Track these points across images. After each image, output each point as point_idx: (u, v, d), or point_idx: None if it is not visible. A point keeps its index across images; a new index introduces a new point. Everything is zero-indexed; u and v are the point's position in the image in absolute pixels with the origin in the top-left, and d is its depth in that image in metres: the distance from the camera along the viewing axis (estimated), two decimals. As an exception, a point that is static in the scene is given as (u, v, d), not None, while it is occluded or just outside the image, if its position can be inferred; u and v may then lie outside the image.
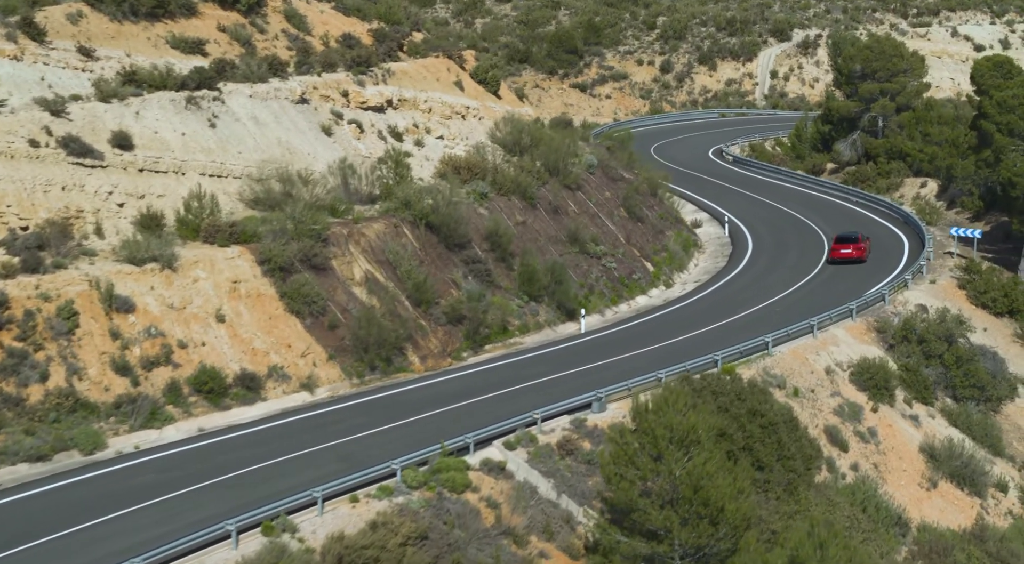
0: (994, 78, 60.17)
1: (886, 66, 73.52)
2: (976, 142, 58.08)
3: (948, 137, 66.50)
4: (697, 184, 76.09)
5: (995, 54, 70.95)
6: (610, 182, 56.67)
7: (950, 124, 69.47)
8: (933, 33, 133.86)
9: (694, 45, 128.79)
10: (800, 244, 58.83)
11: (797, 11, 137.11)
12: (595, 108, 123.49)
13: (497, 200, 48.35)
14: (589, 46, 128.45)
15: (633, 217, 54.69)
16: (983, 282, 49.25)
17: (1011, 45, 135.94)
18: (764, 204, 68.97)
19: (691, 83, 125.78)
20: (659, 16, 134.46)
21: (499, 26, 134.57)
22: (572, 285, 46.93)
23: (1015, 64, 64.26)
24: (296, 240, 39.61)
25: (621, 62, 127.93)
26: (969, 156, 59.75)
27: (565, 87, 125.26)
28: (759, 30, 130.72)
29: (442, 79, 57.08)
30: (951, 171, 65.65)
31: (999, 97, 50.84)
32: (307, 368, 37.18)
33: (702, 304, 48.57)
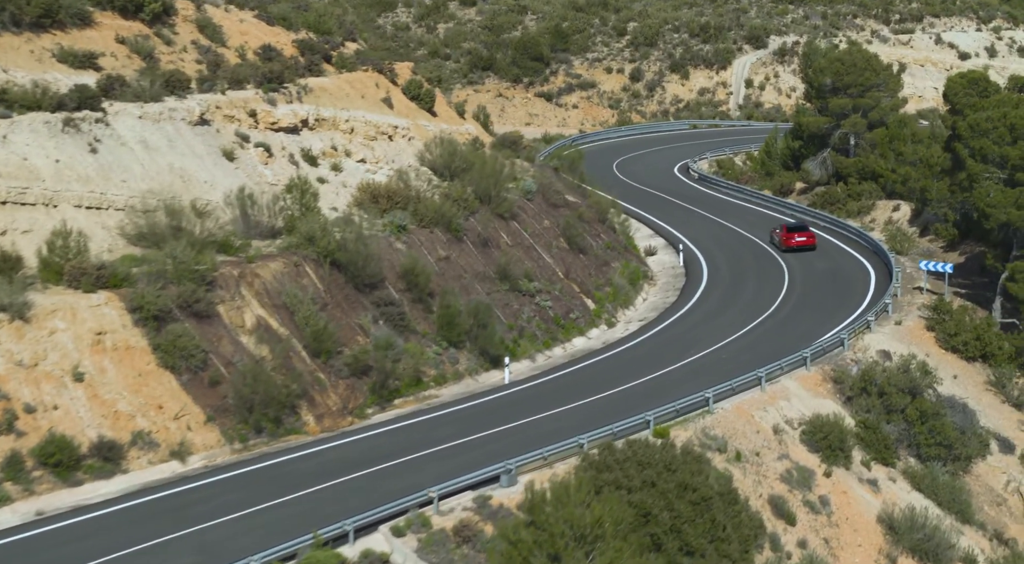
0: (968, 96, 56.89)
1: (858, 80, 70.17)
2: (950, 165, 54.74)
3: (923, 157, 63.12)
4: (657, 205, 72.66)
5: (970, 70, 67.77)
6: (551, 209, 53.10)
7: (925, 142, 66.15)
8: (916, 40, 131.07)
9: (666, 52, 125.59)
10: (758, 275, 55.39)
11: (774, 17, 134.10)
12: (561, 118, 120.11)
13: (418, 233, 44.68)
14: (556, 53, 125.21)
15: (574, 248, 51.10)
16: (953, 324, 45.85)
17: (997, 53, 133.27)
18: (726, 228, 65.52)
19: (662, 92, 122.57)
20: (630, 22, 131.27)
21: (462, 32, 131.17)
22: (499, 328, 43.29)
23: (991, 81, 60.97)
24: (176, 283, 35.85)
25: (589, 70, 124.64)
26: (943, 178, 56.39)
27: (530, 96, 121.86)
28: (734, 36, 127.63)
29: (368, 96, 53.42)
30: (925, 193, 62.27)
31: (972, 119, 47.50)
32: (180, 433, 33.38)
33: (644, 348, 45.00)
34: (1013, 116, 46.06)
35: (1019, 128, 45.94)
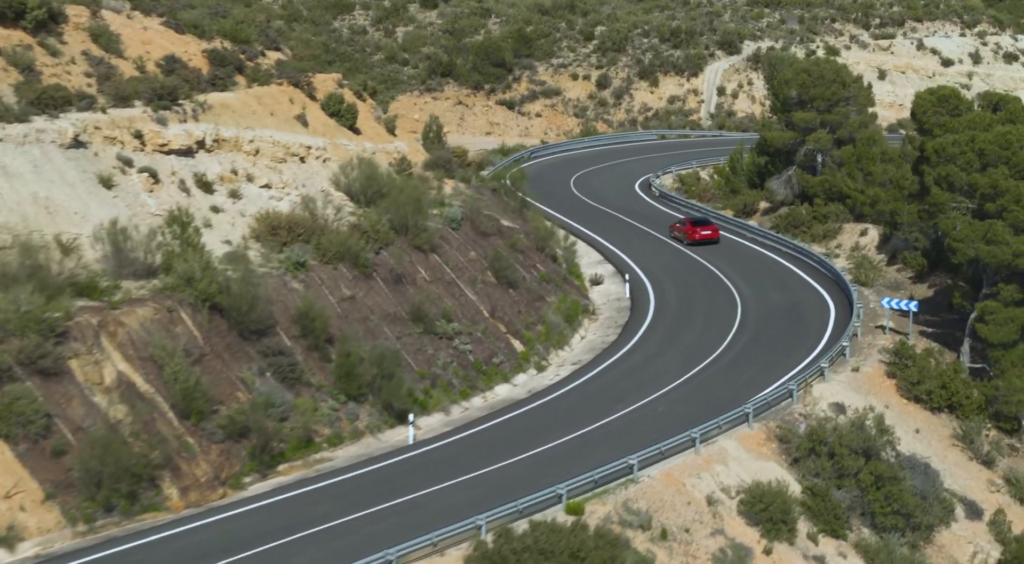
0: (938, 114, 53.27)
1: (825, 93, 66.50)
2: (919, 189, 51.07)
3: (893, 177, 59.42)
4: (612, 227, 68.84)
5: (940, 86, 64.05)
6: (480, 238, 49.17)
7: (895, 161, 62.48)
8: (897, 46, 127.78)
9: (634, 58, 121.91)
10: (709, 308, 51.62)
11: (749, 21, 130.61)
12: (523, 127, 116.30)
13: (319, 270, 40.70)
14: (519, 59, 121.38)
15: (503, 282, 47.16)
16: (917, 371, 42.13)
17: (982, 59, 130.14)
18: (680, 254, 61.75)
19: (630, 100, 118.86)
20: (598, 26, 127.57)
21: (422, 36, 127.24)
22: (408, 377, 39.35)
23: (963, 98, 57.35)
24: (18, 336, 31.82)
25: (554, 76, 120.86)
26: (914, 202, 52.71)
27: (491, 104, 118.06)
28: (706, 42, 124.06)
29: (280, 113, 49.40)
30: (895, 217, 58.55)
31: (938, 143, 43.84)
32: (10, 514, 29.31)
33: (573, 398, 41.13)
34: (982, 140, 42.39)
35: (989, 154, 42.28)
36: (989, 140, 42.28)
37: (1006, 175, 41.81)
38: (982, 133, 42.82)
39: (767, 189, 69.84)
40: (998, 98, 51.38)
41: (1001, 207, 41.66)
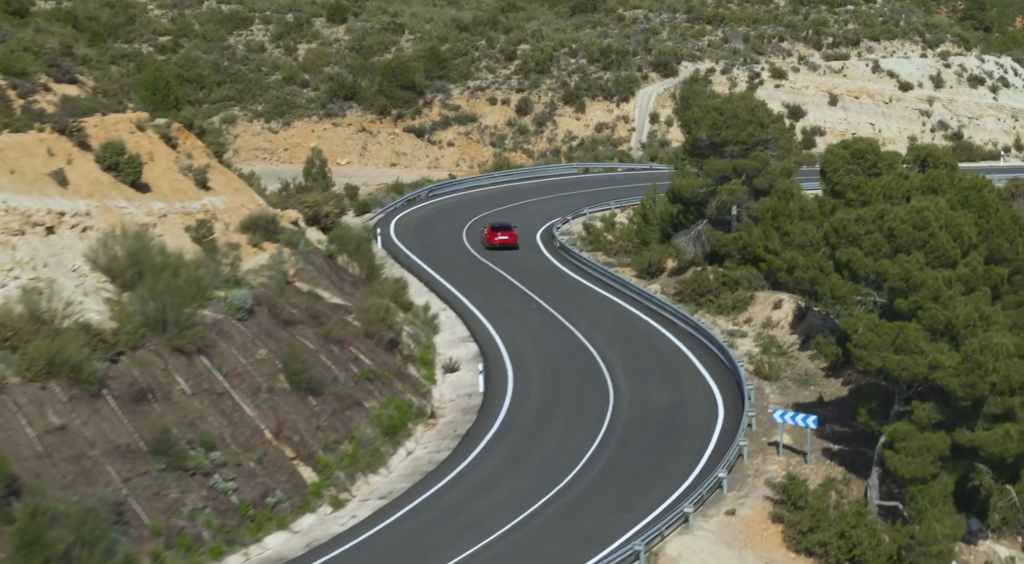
0: (851, 174, 45.52)
1: (739, 136, 58.75)
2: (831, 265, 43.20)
3: (813, 239, 51.55)
4: (493, 290, 60.76)
5: (856, 138, 56.33)
6: (279, 329, 40.75)
7: (817, 219, 54.64)
8: (851, 68, 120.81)
9: (560, 80, 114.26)
10: (574, 409, 43.49)
11: (688, 39, 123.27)
12: (433, 158, 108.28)
13: (20, 390, 32.17)
14: (432, 80, 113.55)
15: (301, 388, 38.73)
16: (809, 515, 34.08)
17: (944, 82, 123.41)
18: (560, 329, 53.61)
19: (553, 127, 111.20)
20: (521, 44, 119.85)
21: (326, 54, 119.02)
22: (131, 538, 30.86)
23: (883, 153, 49.56)
24: None
25: (470, 101, 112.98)
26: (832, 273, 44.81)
27: (398, 131, 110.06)
28: (639, 62, 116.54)
29: (27, 169, 40.83)
30: (815, 286, 50.56)
31: (837, 221, 36.00)
32: None
33: (358, 557, 32.75)
34: (892, 218, 34.52)
35: (900, 235, 34.40)
36: (901, 218, 34.40)
37: (921, 264, 33.95)
38: (893, 209, 34.92)
39: (673, 246, 61.96)
40: (927, 153, 43.65)
41: (915, 305, 33.77)
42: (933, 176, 37.49)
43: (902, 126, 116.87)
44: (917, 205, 34.48)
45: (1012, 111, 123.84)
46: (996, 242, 35.51)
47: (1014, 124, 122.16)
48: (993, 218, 35.54)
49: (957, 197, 36.06)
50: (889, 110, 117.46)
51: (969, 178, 36.73)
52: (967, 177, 37.07)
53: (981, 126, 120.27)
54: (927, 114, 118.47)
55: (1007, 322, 35.10)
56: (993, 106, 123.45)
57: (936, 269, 34.21)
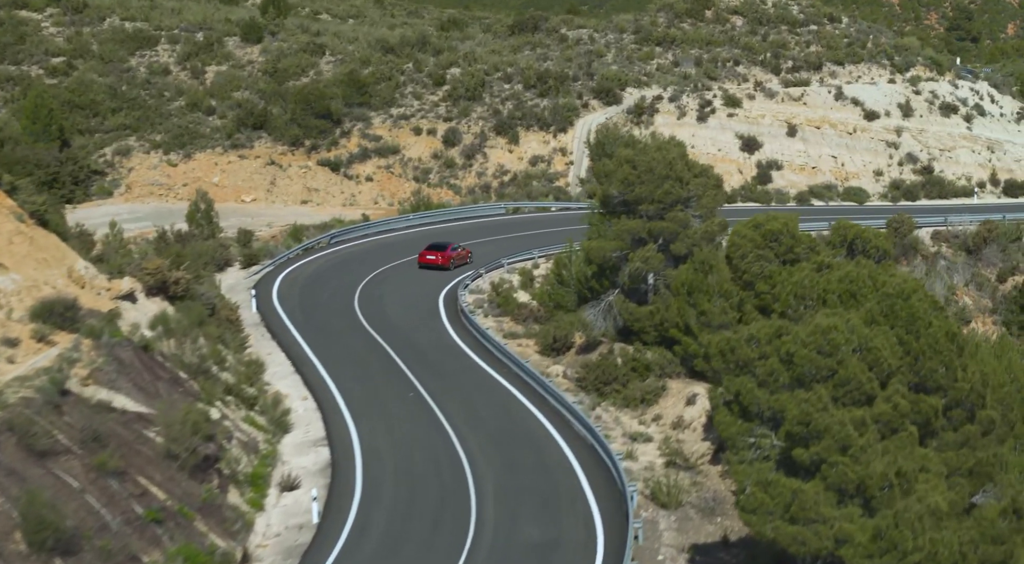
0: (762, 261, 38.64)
1: (655, 193, 52.26)
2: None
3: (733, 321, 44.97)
4: (371, 376, 53.75)
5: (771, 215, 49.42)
6: (29, 464, 33.35)
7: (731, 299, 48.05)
8: (811, 95, 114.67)
9: (492, 108, 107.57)
10: (418, 554, 36.56)
11: (636, 63, 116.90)
12: (349, 194, 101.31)
13: None
14: (351, 108, 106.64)
15: (43, 548, 31.30)
16: None
17: (914, 111, 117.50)
18: (435, 429, 46.66)
19: (484, 161, 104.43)
20: (452, 67, 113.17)
21: (237, 77, 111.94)
22: None
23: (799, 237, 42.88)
24: None
25: (393, 130, 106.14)
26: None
27: (311, 164, 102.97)
28: (580, 89, 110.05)
29: None
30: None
31: (724, 341, 29.46)
32: None
33: None
34: (791, 341, 27.87)
35: (801, 362, 27.76)
36: (803, 340, 27.76)
37: (825, 402, 27.29)
38: (794, 327, 28.29)
39: (580, 321, 55.28)
40: (855, 235, 37.09)
41: (818, 457, 27.10)
42: (852, 277, 30.85)
43: (867, 159, 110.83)
44: (824, 323, 27.85)
45: (988, 142, 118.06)
46: (927, 366, 28.96)
47: (990, 156, 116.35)
48: (924, 335, 28.98)
49: (879, 307, 29.47)
50: (853, 141, 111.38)
51: (896, 282, 30.13)
52: (894, 281, 30.48)
53: (954, 159, 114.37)
54: (895, 146, 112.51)
55: (942, 470, 28.54)
56: (967, 137, 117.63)
57: (847, 407, 27.56)
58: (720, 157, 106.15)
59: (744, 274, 39.96)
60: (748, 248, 40.04)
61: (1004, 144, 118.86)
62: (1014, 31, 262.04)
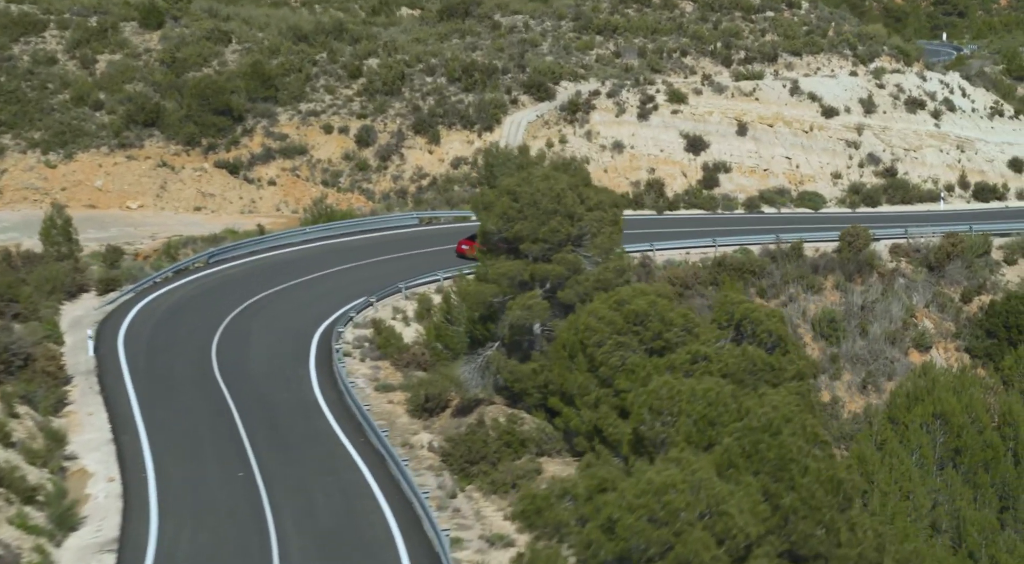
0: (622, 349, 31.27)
1: (540, 231, 45.26)
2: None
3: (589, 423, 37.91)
4: (201, 442, 46.60)
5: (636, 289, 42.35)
6: None
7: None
8: (765, 90, 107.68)
9: (411, 104, 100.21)
10: None
11: (573, 53, 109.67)
12: (248, 200, 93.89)
13: None
14: (255, 103, 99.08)
15: None
16: None
17: (876, 107, 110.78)
18: (254, 526, 39.35)
19: (400, 162, 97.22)
20: (369, 57, 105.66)
21: (131, 67, 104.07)
22: None
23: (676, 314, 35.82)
24: None
25: (301, 128, 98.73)
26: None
27: (208, 166, 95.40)
28: (510, 82, 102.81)
29: None
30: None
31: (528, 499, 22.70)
32: None
33: None
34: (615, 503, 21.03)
35: (627, 533, 20.87)
36: (630, 502, 20.85)
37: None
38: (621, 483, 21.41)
39: (450, 378, 48.29)
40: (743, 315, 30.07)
41: None
42: (712, 398, 23.95)
43: (824, 160, 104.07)
44: (658, 480, 20.96)
45: (957, 141, 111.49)
46: (801, 528, 22.13)
47: (959, 156, 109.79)
48: (798, 485, 22.16)
49: (740, 445, 22.61)
50: (809, 141, 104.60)
51: (764, 412, 23.25)
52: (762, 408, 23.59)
53: (919, 160, 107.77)
54: (855, 145, 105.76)
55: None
56: (935, 135, 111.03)
57: None
58: (662, 159, 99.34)
59: (600, 366, 33.03)
60: (605, 333, 32.87)
61: (975, 143, 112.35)
62: (1007, 2, 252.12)
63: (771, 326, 29.65)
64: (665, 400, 25.18)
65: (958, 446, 61.55)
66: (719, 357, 27.91)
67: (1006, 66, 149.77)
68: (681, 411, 24.26)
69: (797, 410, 23.37)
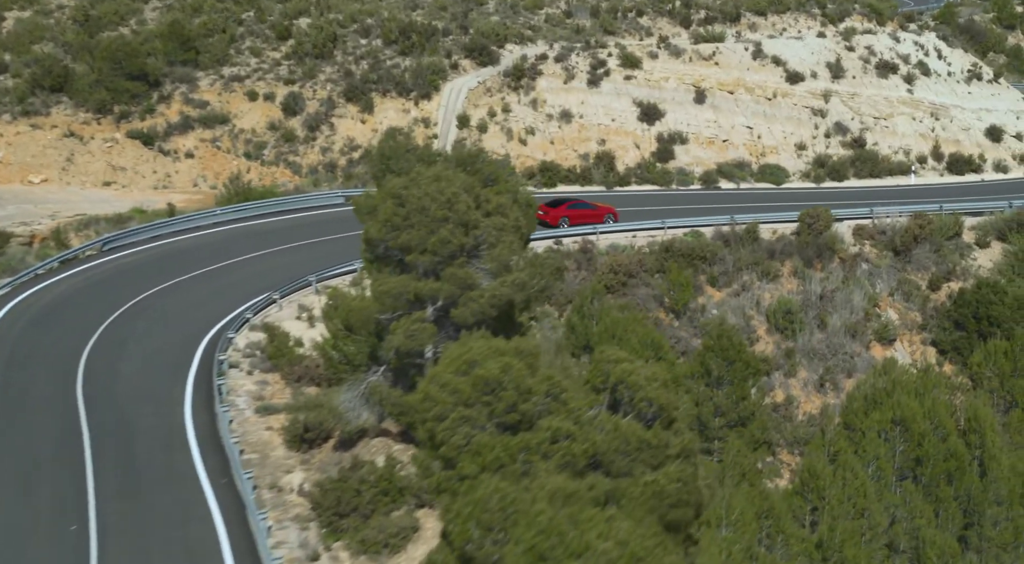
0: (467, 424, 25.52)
1: (429, 242, 39.66)
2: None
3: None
4: (39, 482, 41.15)
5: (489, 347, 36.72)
6: None
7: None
8: (725, 53, 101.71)
9: (343, 69, 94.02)
10: None
11: (521, 13, 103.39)
12: (163, 175, 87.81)
13: None
14: (174, 66, 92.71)
15: None
16: None
17: (845, 71, 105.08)
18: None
19: (330, 133, 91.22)
20: (300, 17, 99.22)
21: (41, 26, 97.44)
22: None
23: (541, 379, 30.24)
24: None
25: (223, 95, 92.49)
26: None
27: (120, 137, 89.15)
28: (451, 45, 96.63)
29: None
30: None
31: None
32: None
33: None
34: None
35: None
36: None
37: None
38: None
39: (329, 408, 42.80)
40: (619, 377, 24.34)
41: None
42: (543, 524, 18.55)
43: (788, 130, 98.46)
44: None
45: (931, 108, 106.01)
46: None
47: (933, 125, 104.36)
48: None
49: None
50: (772, 109, 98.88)
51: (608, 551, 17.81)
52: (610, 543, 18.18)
53: (890, 129, 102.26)
54: (821, 114, 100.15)
55: None
56: (907, 101, 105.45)
57: None
58: (614, 129, 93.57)
59: (442, 446, 27.50)
60: (448, 406, 27.32)
61: (951, 110, 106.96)
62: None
63: (651, 393, 24.22)
64: (496, 514, 19.84)
65: (919, 456, 57.23)
66: (585, 435, 22.59)
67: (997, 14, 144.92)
68: (511, 535, 18.96)
69: (653, 545, 18.00)
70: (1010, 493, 59.06)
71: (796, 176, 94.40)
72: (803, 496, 54.84)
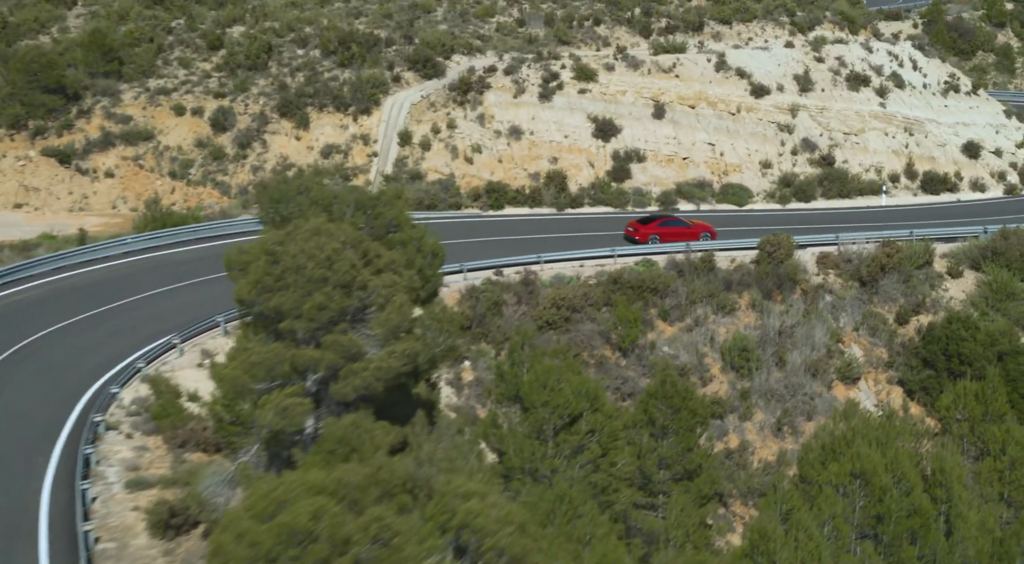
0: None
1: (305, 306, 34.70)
2: None
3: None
4: None
5: None
6: None
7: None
8: (686, 65, 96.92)
9: (278, 81, 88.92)
10: None
11: (471, 21, 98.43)
12: (80, 196, 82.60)
13: None
14: (96, 78, 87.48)
15: None
16: None
17: (814, 84, 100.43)
18: None
19: (262, 151, 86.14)
20: (235, 24, 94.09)
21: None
22: None
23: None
24: None
25: (148, 109, 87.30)
26: None
27: (33, 154, 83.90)
28: (394, 56, 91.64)
29: None
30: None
31: None
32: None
33: None
34: None
35: None
36: None
37: None
38: None
39: (194, 495, 37.80)
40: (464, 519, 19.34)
41: None
42: None
43: (753, 147, 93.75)
44: None
45: (905, 122, 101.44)
46: None
47: (907, 141, 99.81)
48: None
49: None
50: (736, 125, 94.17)
51: None
52: None
53: (861, 145, 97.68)
54: (788, 129, 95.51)
55: None
56: (880, 116, 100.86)
57: None
58: (567, 146, 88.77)
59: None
60: (244, 562, 22.32)
61: (925, 124, 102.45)
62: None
63: (501, 542, 19.33)
64: None
65: (880, 512, 52.77)
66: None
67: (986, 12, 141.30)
68: None
69: None
70: (978, 553, 54.95)
71: (760, 196, 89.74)
72: (752, 559, 50.50)
